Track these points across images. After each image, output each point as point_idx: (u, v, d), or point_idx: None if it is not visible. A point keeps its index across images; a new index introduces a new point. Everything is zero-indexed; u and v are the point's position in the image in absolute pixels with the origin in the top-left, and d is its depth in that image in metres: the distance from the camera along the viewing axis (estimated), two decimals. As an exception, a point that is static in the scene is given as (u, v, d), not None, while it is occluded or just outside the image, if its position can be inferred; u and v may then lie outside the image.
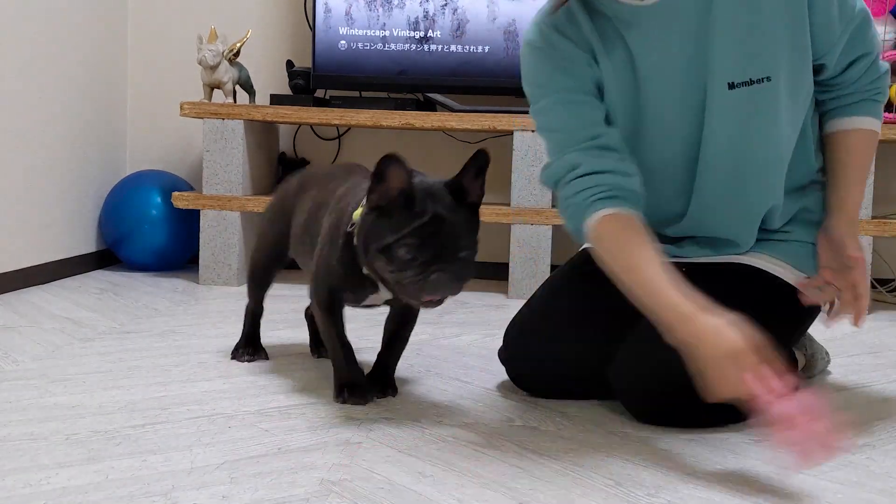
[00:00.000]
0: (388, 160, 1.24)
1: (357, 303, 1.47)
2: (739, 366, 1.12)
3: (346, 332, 1.46)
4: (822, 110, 1.49)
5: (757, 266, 1.46)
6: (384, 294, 1.40)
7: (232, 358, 1.71)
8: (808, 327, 1.56)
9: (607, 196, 1.33)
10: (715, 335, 1.15)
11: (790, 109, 1.38)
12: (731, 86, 1.33)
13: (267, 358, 1.72)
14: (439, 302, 1.29)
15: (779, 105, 1.35)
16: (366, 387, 1.46)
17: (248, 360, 1.70)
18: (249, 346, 1.72)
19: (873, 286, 2.76)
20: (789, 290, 1.45)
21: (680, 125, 1.39)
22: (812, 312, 1.51)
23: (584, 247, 1.67)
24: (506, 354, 1.57)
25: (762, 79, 1.33)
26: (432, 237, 1.25)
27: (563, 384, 1.51)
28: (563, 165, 1.37)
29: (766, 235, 1.49)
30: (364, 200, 1.31)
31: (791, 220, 1.49)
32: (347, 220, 1.38)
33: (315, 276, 1.45)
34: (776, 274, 1.46)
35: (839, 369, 1.81)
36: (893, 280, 2.92)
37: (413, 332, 1.54)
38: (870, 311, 2.59)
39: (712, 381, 1.15)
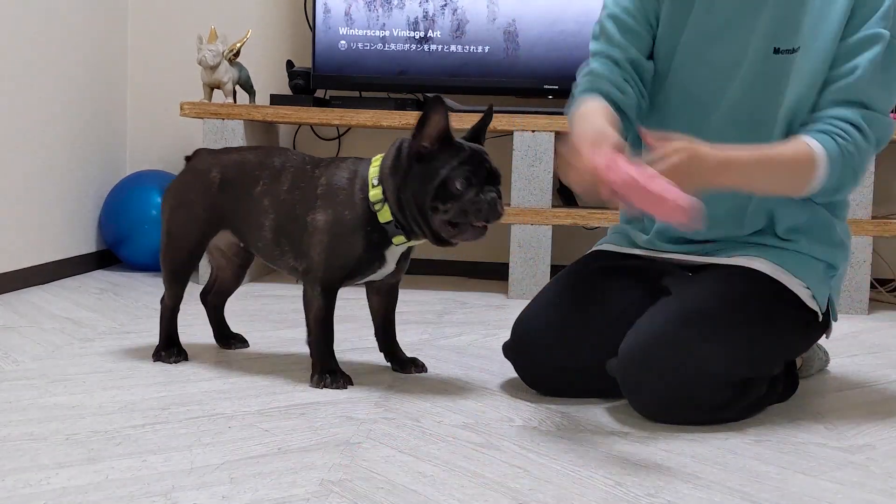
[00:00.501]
0: (433, 104, 1.41)
1: (359, 280, 1.55)
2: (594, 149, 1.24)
3: None
4: None
5: (763, 271, 1.46)
6: (388, 268, 1.54)
7: (155, 360, 1.68)
8: (814, 340, 1.56)
9: (594, 91, 1.49)
10: (585, 131, 1.31)
11: (807, 88, 1.42)
12: (777, 51, 1.43)
13: (187, 358, 1.69)
14: (484, 229, 1.45)
15: (807, 76, 1.41)
16: (344, 373, 1.55)
17: (175, 362, 1.67)
18: (174, 347, 1.70)
19: (873, 286, 2.76)
20: (792, 298, 1.45)
21: (709, 77, 1.48)
22: (817, 326, 1.51)
23: (593, 248, 1.67)
24: (513, 346, 1.55)
25: (794, 49, 1.42)
26: (480, 165, 1.43)
27: (569, 377, 1.50)
28: (584, 67, 1.56)
29: (769, 241, 1.49)
30: (373, 180, 1.46)
31: (797, 229, 1.49)
32: (365, 206, 1.47)
33: (323, 268, 1.50)
34: (783, 282, 1.45)
35: (839, 369, 1.81)
36: (893, 280, 2.92)
37: (413, 332, 1.55)
38: (869, 311, 2.59)
39: (570, 163, 1.27)
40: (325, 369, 1.53)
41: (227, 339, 1.81)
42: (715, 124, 1.48)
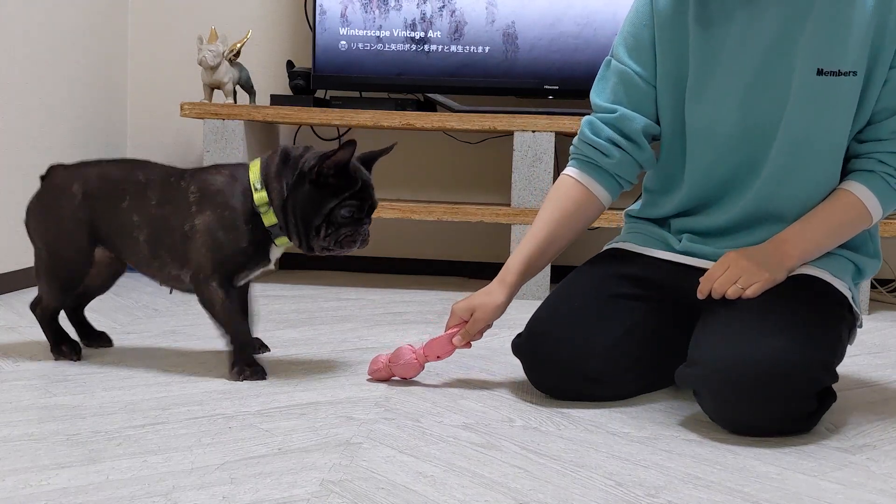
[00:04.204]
0: (348, 145, 1.50)
1: (245, 277, 1.61)
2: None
3: None
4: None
5: (814, 275, 1.45)
6: (269, 267, 1.62)
7: (56, 358, 1.67)
8: (848, 338, 1.53)
9: (583, 161, 1.55)
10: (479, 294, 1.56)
11: (863, 109, 1.41)
12: (820, 72, 1.39)
13: (81, 353, 1.69)
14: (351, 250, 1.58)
15: (855, 101, 1.40)
16: (259, 365, 1.60)
17: (77, 359, 1.66)
18: (66, 344, 1.68)
19: (873, 286, 2.76)
20: (844, 301, 1.45)
21: (744, 99, 1.45)
22: (854, 330, 1.51)
23: (606, 247, 1.66)
24: (527, 346, 1.52)
25: (850, 72, 1.38)
26: (365, 199, 1.55)
27: (580, 384, 1.48)
28: (586, 121, 1.56)
29: None
30: (257, 183, 1.53)
31: None
32: (246, 207, 1.53)
33: (212, 265, 1.54)
34: (835, 286, 1.45)
35: (839, 369, 1.80)
36: (893, 280, 2.92)
37: (413, 333, 1.54)
38: (870, 311, 2.59)
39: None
40: (245, 361, 1.57)
41: (91, 337, 1.78)
42: (775, 155, 1.44)
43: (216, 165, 1.62)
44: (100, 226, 1.61)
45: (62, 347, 1.68)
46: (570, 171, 1.56)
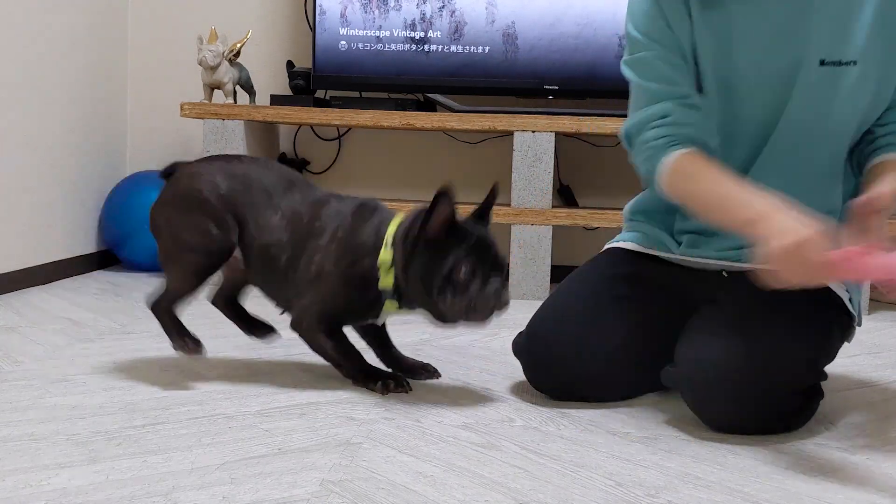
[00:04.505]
0: (441, 197, 1.36)
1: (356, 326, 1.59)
2: (806, 254, 1.14)
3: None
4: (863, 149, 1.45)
5: None
6: (377, 321, 1.56)
7: (180, 350, 1.57)
8: (841, 338, 1.52)
9: (686, 142, 1.38)
10: (783, 229, 1.17)
11: (871, 100, 1.40)
12: (823, 62, 1.37)
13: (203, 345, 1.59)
14: (489, 319, 1.41)
15: (861, 91, 1.38)
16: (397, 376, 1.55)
17: (200, 353, 1.57)
18: (189, 336, 1.59)
19: (873, 286, 2.76)
20: (838, 301, 1.45)
21: (761, 92, 1.41)
22: (850, 330, 1.51)
23: (607, 246, 1.65)
24: (527, 347, 1.51)
25: (850, 62, 1.37)
26: (486, 253, 1.40)
27: (580, 385, 1.48)
28: (652, 113, 1.41)
29: None
30: (389, 240, 1.44)
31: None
32: (369, 263, 1.45)
33: (318, 316, 1.50)
34: (829, 286, 1.44)
35: (839, 369, 1.80)
36: (893, 280, 2.92)
37: (413, 333, 1.55)
38: (869, 311, 2.59)
39: (783, 270, 1.17)
40: (381, 380, 1.52)
41: (255, 327, 1.72)
42: (778, 146, 1.42)
43: (371, 207, 1.53)
44: (239, 228, 1.54)
45: (185, 340, 1.57)
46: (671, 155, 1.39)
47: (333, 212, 1.52)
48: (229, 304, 1.71)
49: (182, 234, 1.54)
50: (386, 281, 1.45)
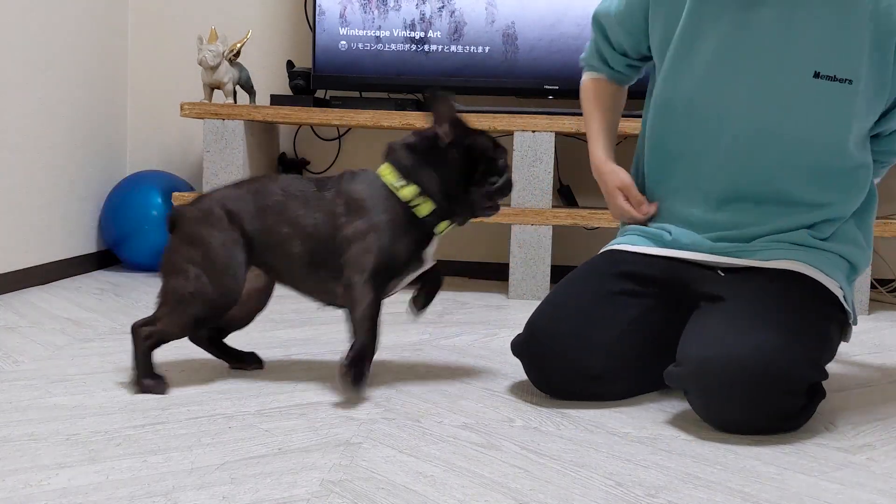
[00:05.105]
0: (436, 101, 1.49)
1: (397, 287, 1.54)
2: (623, 195, 1.63)
3: None
4: None
5: (804, 273, 1.45)
6: (424, 267, 1.56)
7: (139, 392, 1.47)
8: (840, 336, 1.54)
9: (595, 67, 1.77)
10: (610, 175, 1.66)
11: (862, 118, 1.45)
12: (817, 75, 1.42)
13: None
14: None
15: (853, 109, 1.43)
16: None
17: (164, 393, 1.47)
18: (153, 377, 1.49)
19: (873, 286, 2.76)
20: (834, 299, 1.46)
21: (741, 100, 1.48)
22: (846, 328, 1.52)
23: (608, 247, 1.65)
24: (527, 346, 1.51)
25: (845, 79, 1.42)
26: (495, 142, 1.55)
27: (581, 383, 1.47)
28: (600, 28, 1.73)
29: (804, 239, 1.49)
30: (402, 182, 1.49)
31: (833, 226, 1.51)
32: (396, 208, 1.49)
33: (372, 269, 1.45)
34: (824, 283, 1.45)
35: (839, 369, 1.81)
36: (893, 280, 2.92)
37: (413, 333, 1.54)
38: (870, 311, 2.59)
39: (610, 205, 1.68)
40: (357, 366, 1.43)
41: (238, 359, 1.67)
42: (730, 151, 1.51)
43: (351, 174, 1.54)
44: (253, 244, 1.51)
45: (147, 381, 1.48)
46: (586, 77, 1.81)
47: (332, 192, 1.51)
48: (213, 342, 1.64)
49: (188, 286, 1.48)
50: (425, 208, 1.50)
